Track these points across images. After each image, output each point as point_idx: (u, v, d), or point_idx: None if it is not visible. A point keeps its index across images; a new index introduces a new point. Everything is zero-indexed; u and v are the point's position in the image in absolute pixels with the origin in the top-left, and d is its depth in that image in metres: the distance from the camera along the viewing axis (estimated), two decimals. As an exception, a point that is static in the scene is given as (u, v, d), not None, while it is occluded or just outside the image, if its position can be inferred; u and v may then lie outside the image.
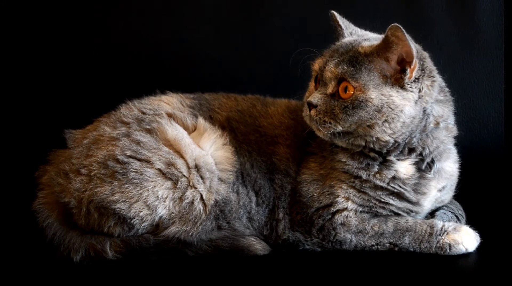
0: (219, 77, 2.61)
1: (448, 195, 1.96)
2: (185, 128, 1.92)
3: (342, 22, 1.91)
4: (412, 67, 1.73)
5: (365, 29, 1.95)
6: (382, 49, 1.73)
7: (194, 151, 1.85)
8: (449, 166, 1.91)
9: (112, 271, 1.77)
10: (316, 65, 1.85)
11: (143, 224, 1.81)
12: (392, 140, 1.78)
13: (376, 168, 1.83)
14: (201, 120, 1.94)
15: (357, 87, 1.73)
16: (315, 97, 1.78)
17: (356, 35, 1.90)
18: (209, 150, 1.89)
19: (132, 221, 1.80)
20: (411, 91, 1.75)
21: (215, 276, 1.74)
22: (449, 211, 1.94)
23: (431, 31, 2.54)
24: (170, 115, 1.93)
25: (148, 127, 1.87)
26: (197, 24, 2.67)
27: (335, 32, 1.93)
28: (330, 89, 1.77)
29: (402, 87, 1.74)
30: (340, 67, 1.75)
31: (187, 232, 1.82)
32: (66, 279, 1.74)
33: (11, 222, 2.11)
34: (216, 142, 1.91)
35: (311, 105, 1.78)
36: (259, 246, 1.86)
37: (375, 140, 1.78)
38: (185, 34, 2.68)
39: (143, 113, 1.94)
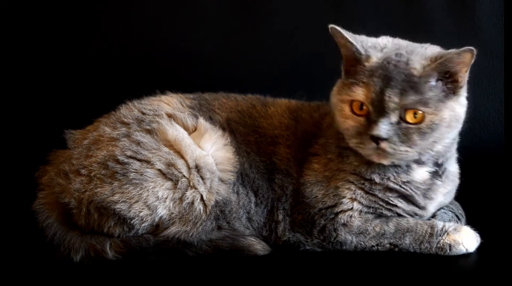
0: (219, 77, 2.60)
1: (450, 198, 1.96)
2: (186, 128, 1.91)
3: (348, 35, 1.77)
4: (465, 74, 1.73)
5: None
6: (441, 68, 1.70)
7: (195, 151, 1.85)
8: (453, 167, 1.93)
9: (112, 271, 1.77)
10: (362, 95, 1.72)
11: (143, 225, 1.81)
12: (443, 149, 1.79)
13: (393, 172, 1.82)
14: (201, 121, 1.94)
15: (428, 111, 1.70)
16: (382, 129, 1.69)
17: (369, 46, 1.78)
18: (209, 150, 1.89)
19: (132, 222, 1.80)
20: (463, 95, 1.76)
21: (215, 276, 1.74)
22: (450, 211, 1.95)
23: (431, 31, 2.53)
24: (170, 116, 1.93)
25: (148, 127, 1.87)
26: (197, 24, 2.67)
27: (338, 46, 1.80)
28: (395, 118, 1.70)
29: (456, 94, 1.74)
30: (406, 98, 1.68)
31: (187, 233, 1.82)
32: (66, 279, 1.74)
33: (11, 222, 2.11)
34: (217, 142, 1.90)
35: (378, 139, 1.70)
36: (259, 246, 1.86)
37: (429, 152, 1.78)
38: (185, 34, 2.67)
39: (143, 113, 1.93)
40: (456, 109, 1.74)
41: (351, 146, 1.79)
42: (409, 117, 1.70)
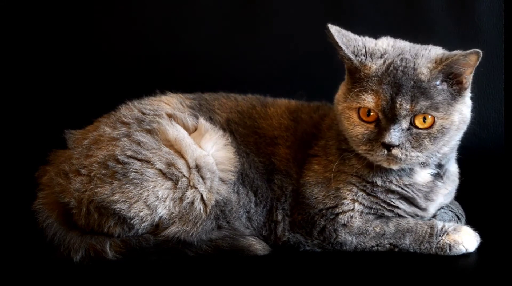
0: (219, 77, 2.60)
1: (450, 198, 1.96)
2: (186, 128, 1.91)
3: (341, 40, 1.76)
4: (470, 75, 1.73)
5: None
6: (447, 70, 1.70)
7: (195, 151, 1.85)
8: (453, 167, 1.93)
9: (112, 271, 1.77)
10: (372, 103, 1.71)
11: (143, 224, 1.81)
12: (449, 151, 1.80)
13: (396, 176, 1.82)
14: (202, 121, 1.94)
15: (439, 116, 1.70)
16: (394, 136, 1.69)
17: (362, 52, 1.77)
18: (210, 150, 1.89)
19: (132, 221, 1.80)
20: (467, 96, 1.77)
21: (215, 276, 1.74)
22: (450, 210, 1.95)
23: (431, 31, 2.54)
24: (170, 116, 1.93)
25: (148, 127, 1.87)
26: (197, 24, 2.67)
27: (335, 48, 1.79)
28: (405, 124, 1.71)
29: (462, 95, 1.74)
30: (417, 104, 1.68)
31: (187, 232, 1.82)
32: (66, 279, 1.74)
33: (11, 222, 2.11)
34: (218, 142, 1.90)
35: (390, 146, 1.70)
36: (259, 246, 1.86)
37: (436, 154, 1.78)
38: (185, 34, 2.68)
39: (143, 113, 1.94)
40: (464, 111, 1.75)
41: (359, 152, 1.78)
42: (419, 122, 1.70)
